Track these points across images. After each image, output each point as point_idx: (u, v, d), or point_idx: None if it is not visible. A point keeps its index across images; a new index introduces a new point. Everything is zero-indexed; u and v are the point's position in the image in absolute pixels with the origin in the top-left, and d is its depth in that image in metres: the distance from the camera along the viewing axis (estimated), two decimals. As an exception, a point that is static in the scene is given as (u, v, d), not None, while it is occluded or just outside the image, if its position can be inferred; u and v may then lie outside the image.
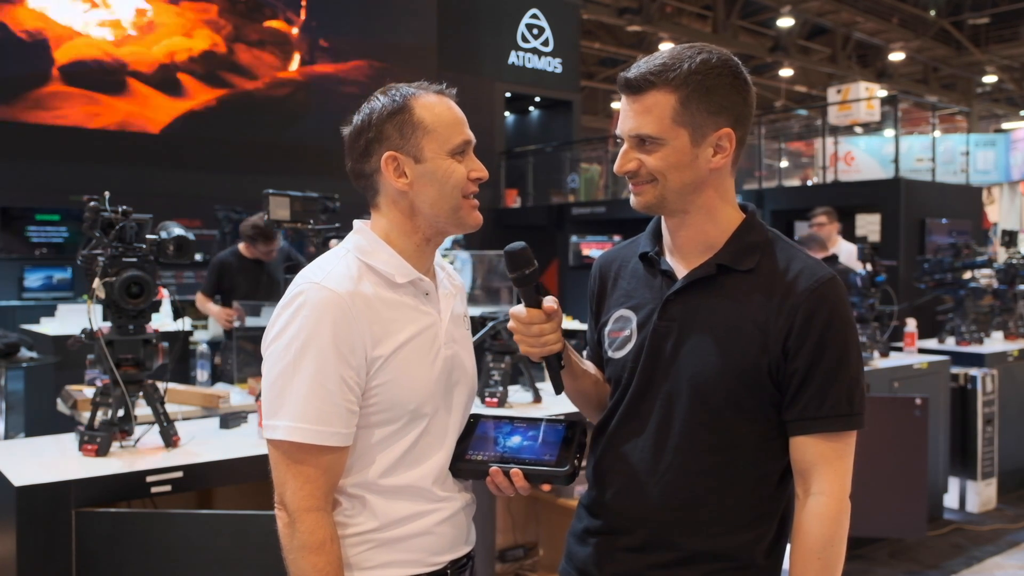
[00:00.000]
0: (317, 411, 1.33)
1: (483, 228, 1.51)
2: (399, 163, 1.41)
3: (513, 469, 1.40)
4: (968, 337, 5.46)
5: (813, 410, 1.35)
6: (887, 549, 4.43)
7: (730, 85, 1.36)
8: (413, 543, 1.42)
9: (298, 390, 1.34)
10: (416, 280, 1.44)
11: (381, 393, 1.38)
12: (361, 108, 1.46)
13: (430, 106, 1.43)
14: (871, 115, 13.91)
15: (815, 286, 1.35)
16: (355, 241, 1.46)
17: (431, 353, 1.44)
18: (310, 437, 1.33)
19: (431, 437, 1.44)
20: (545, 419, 1.50)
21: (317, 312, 1.34)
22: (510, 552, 3.54)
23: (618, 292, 1.52)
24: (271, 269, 5.18)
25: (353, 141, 1.45)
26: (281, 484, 1.36)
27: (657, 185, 1.38)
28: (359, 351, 1.36)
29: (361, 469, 1.41)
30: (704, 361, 1.37)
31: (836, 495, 1.34)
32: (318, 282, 1.37)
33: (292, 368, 1.34)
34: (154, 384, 2.60)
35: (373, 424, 1.40)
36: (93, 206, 2.60)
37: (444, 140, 1.42)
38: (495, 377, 3.29)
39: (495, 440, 1.48)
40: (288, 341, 1.35)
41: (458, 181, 1.43)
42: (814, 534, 1.34)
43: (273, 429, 1.35)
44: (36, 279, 9.33)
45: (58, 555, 2.12)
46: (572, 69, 14.90)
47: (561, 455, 1.41)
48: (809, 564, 1.34)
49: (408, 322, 1.42)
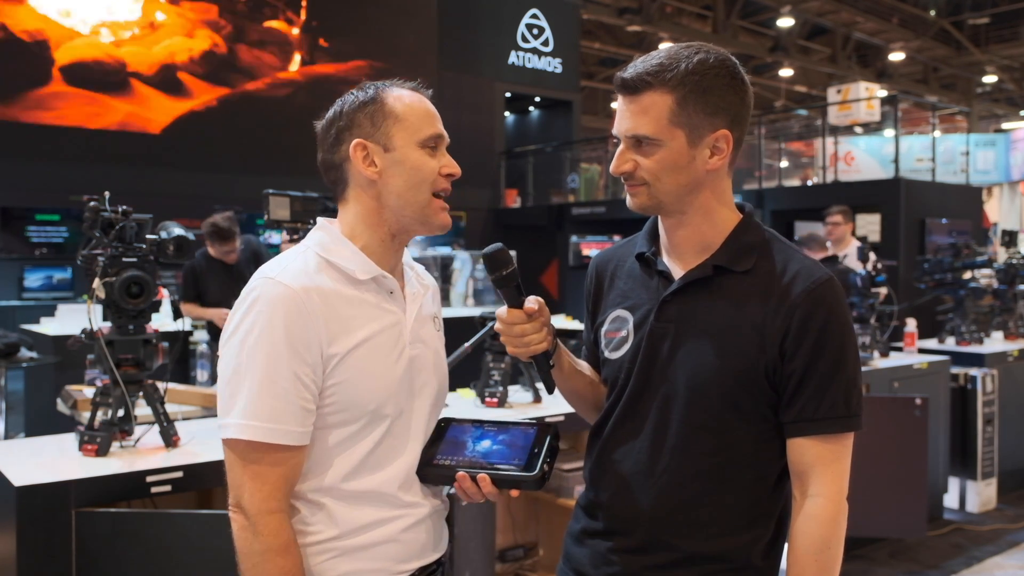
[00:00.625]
0: (270, 408, 1.29)
1: (484, 228, 1.50)
2: (368, 151, 1.39)
3: (480, 474, 1.37)
4: (968, 337, 5.46)
5: (810, 412, 1.34)
6: (887, 549, 4.43)
7: (727, 85, 1.35)
8: (378, 551, 1.38)
9: (250, 387, 1.30)
10: (379, 277, 1.41)
11: (338, 392, 1.34)
12: (334, 103, 1.44)
13: (401, 97, 1.41)
14: (871, 115, 13.92)
15: (812, 287, 1.34)
16: (317, 238, 1.43)
17: (394, 352, 1.40)
18: (262, 435, 1.29)
19: (394, 440, 1.40)
20: (516, 423, 1.47)
21: (270, 308, 1.31)
22: (510, 552, 3.55)
23: (615, 292, 1.52)
24: (239, 269, 5.04)
25: (324, 132, 1.43)
26: (238, 486, 1.31)
27: (650, 187, 1.37)
28: (315, 348, 1.32)
29: (319, 473, 1.36)
30: (701, 362, 1.37)
31: (833, 497, 1.34)
32: (272, 277, 1.34)
33: (245, 365, 1.31)
34: (154, 384, 2.60)
35: (331, 425, 1.36)
36: (93, 206, 2.60)
37: (414, 130, 1.40)
38: (495, 377, 3.28)
39: (464, 444, 1.44)
40: (241, 338, 1.32)
41: (428, 174, 1.40)
42: (811, 536, 1.33)
43: (227, 428, 1.32)
44: (36, 279, 9.34)
45: (58, 555, 2.12)
46: (572, 69, 14.91)
47: (530, 459, 1.38)
48: (806, 567, 1.33)
49: (369, 320, 1.38)
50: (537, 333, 1.41)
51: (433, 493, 1.47)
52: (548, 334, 1.43)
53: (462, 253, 9.16)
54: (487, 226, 13.15)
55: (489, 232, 13.06)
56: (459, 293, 8.66)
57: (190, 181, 10.24)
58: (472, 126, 13.05)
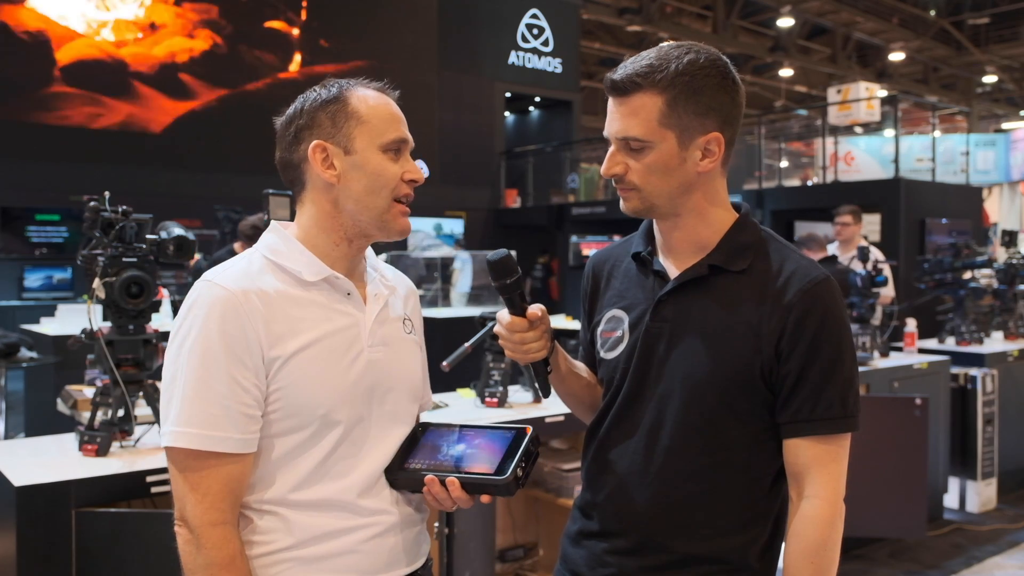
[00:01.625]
0: (205, 414, 1.24)
1: (484, 228, 1.49)
2: (328, 154, 1.34)
3: (449, 478, 1.33)
4: (968, 337, 5.46)
5: (806, 412, 1.33)
6: (887, 549, 4.43)
7: (718, 86, 1.33)
8: (337, 561, 1.31)
9: (184, 393, 1.25)
10: (330, 278, 1.36)
11: (284, 397, 1.29)
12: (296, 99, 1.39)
13: (366, 98, 1.36)
14: (871, 115, 13.92)
15: (808, 287, 1.33)
16: (266, 240, 1.39)
17: (347, 356, 1.34)
18: (199, 443, 1.24)
19: (352, 447, 1.34)
20: (497, 426, 1.43)
21: (206, 310, 1.26)
22: (510, 552, 3.55)
23: (611, 292, 1.51)
24: None
25: (284, 129, 1.38)
26: (180, 498, 1.27)
27: (641, 192, 1.37)
28: (255, 350, 1.26)
29: (271, 483, 1.31)
30: (696, 363, 1.36)
31: (830, 499, 1.32)
32: (211, 280, 1.30)
33: (181, 370, 1.26)
34: (154, 384, 2.59)
35: (279, 432, 1.30)
36: (93, 206, 2.60)
37: (377, 133, 1.34)
38: (495, 377, 3.29)
39: (439, 448, 1.40)
40: (179, 343, 1.28)
41: (389, 180, 1.35)
42: (807, 538, 1.32)
43: (163, 436, 1.26)
44: (36, 279, 9.33)
45: (58, 555, 2.12)
46: (572, 69, 14.90)
47: (502, 463, 1.33)
48: (802, 568, 1.32)
49: (319, 321, 1.33)
50: (537, 341, 1.41)
51: (406, 501, 1.41)
52: (547, 341, 1.43)
53: (462, 253, 9.17)
54: (488, 226, 13.18)
55: (490, 232, 13.09)
56: (459, 293, 8.66)
57: (190, 181, 10.23)
58: (472, 126, 13.04)
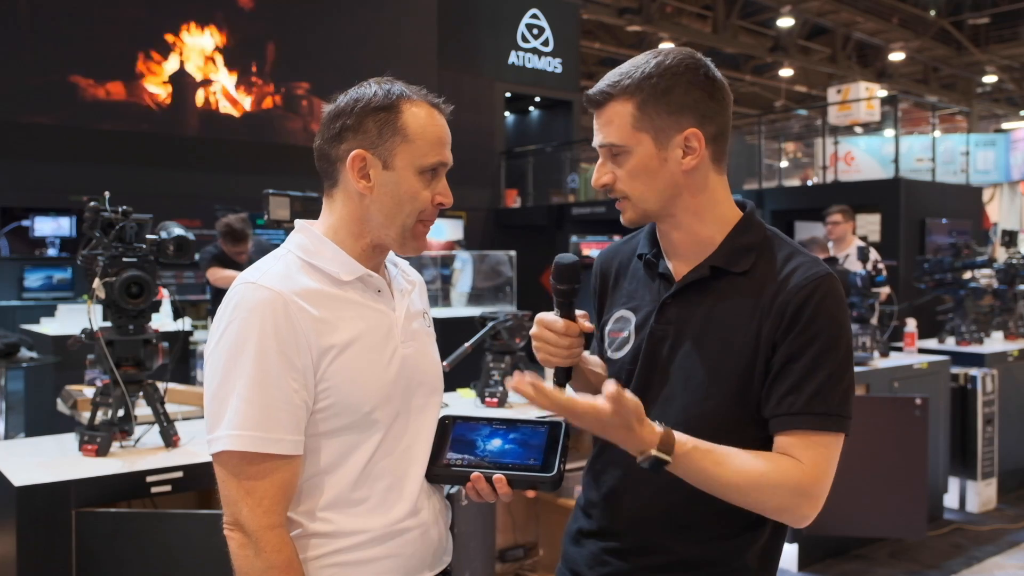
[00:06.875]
0: (260, 417, 1.24)
1: (483, 228, 1.49)
2: (366, 163, 1.33)
3: (496, 475, 1.32)
4: (968, 337, 5.46)
5: (788, 405, 1.29)
6: (887, 549, 4.43)
7: (689, 82, 1.33)
8: (383, 564, 1.34)
9: (239, 396, 1.24)
10: (364, 276, 1.37)
11: (332, 395, 1.30)
12: (350, 90, 1.38)
13: (418, 115, 1.35)
14: (871, 115, 13.92)
15: (805, 283, 1.31)
16: (296, 240, 1.38)
17: (385, 352, 1.36)
18: (254, 445, 1.24)
19: (392, 443, 1.36)
20: (524, 420, 1.43)
21: (254, 313, 1.26)
22: (510, 552, 3.55)
23: (620, 292, 1.51)
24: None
25: (330, 120, 1.37)
26: (234, 503, 1.26)
27: (631, 201, 1.38)
28: (304, 352, 1.27)
29: (318, 485, 1.31)
30: (697, 365, 1.35)
31: (811, 473, 1.26)
32: (254, 282, 1.29)
33: (232, 375, 1.25)
34: (154, 384, 2.60)
35: (327, 432, 1.31)
36: (93, 206, 2.60)
37: (420, 155, 1.34)
38: (495, 377, 3.29)
39: (474, 443, 1.39)
40: (227, 347, 1.26)
41: (420, 203, 1.35)
42: (762, 472, 1.25)
43: (215, 442, 1.26)
44: (36, 279, 9.33)
45: (58, 555, 2.12)
46: (572, 69, 14.90)
47: (547, 459, 1.34)
48: (749, 474, 1.26)
49: (357, 319, 1.34)
50: (567, 349, 1.41)
51: (438, 497, 1.44)
52: (581, 351, 1.44)
53: (462, 253, 9.17)
54: (487, 226, 13.18)
55: (490, 232, 13.09)
56: (460, 293, 8.66)
57: (190, 181, 10.23)
58: (472, 126, 13.02)
